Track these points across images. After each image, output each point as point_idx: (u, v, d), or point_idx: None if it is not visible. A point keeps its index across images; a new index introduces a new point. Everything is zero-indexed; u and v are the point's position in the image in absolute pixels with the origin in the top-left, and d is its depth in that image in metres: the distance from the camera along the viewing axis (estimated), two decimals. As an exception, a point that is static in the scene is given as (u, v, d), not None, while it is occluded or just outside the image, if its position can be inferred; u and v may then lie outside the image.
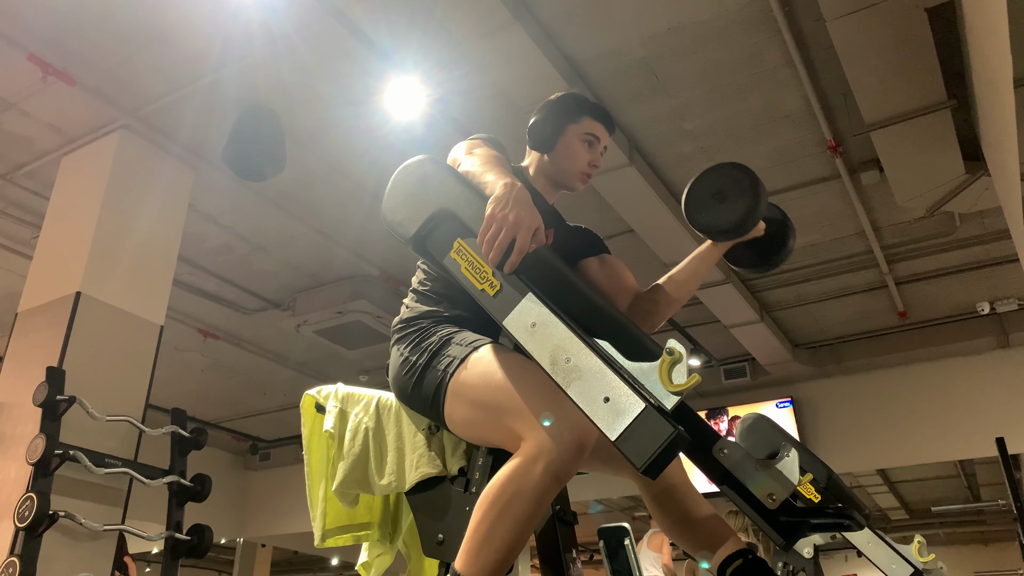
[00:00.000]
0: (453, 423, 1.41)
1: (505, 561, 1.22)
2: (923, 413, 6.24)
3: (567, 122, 1.73)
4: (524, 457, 1.22)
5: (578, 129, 1.73)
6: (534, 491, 1.20)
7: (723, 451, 1.50)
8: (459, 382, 1.37)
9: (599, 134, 1.75)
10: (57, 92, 3.77)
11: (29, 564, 2.91)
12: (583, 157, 1.73)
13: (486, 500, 1.24)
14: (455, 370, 1.38)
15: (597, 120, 1.75)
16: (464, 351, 1.40)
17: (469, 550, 1.23)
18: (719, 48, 3.55)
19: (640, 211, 4.48)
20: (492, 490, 1.24)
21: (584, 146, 1.73)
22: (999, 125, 2.97)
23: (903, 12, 3.06)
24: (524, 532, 1.22)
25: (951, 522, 10.92)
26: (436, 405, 1.41)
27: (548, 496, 1.22)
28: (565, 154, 1.73)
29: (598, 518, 9.63)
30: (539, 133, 1.73)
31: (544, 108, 1.76)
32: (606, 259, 1.75)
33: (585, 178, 1.76)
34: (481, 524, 1.23)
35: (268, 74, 3.67)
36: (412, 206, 1.38)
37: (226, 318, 6.04)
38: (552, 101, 1.77)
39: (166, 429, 3.56)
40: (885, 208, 4.69)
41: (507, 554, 1.21)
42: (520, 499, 1.20)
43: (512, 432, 1.26)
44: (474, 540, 1.23)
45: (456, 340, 1.44)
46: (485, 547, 1.21)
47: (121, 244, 3.85)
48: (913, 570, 2.73)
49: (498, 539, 1.21)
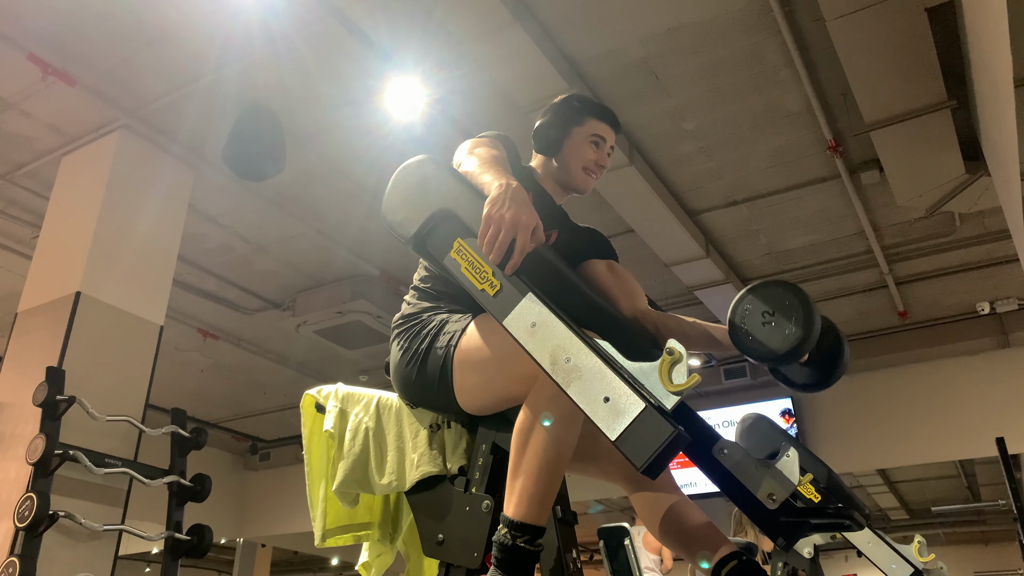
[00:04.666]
0: (465, 393, 1.41)
1: (547, 494, 1.26)
2: (923, 413, 6.24)
3: (572, 124, 1.72)
4: (541, 391, 1.26)
5: (583, 131, 1.72)
6: (561, 417, 1.24)
7: (723, 451, 1.50)
8: (463, 350, 1.40)
9: (605, 134, 1.74)
10: (57, 92, 3.77)
11: (29, 564, 2.91)
12: (589, 158, 1.72)
13: (518, 439, 1.28)
14: (457, 342, 1.41)
15: (602, 120, 1.74)
16: (462, 324, 1.44)
17: (511, 493, 1.26)
18: (719, 48, 3.55)
19: (640, 211, 4.48)
20: (521, 427, 1.28)
21: (591, 147, 1.72)
22: (999, 125, 2.97)
23: (903, 12, 3.06)
24: (559, 461, 1.26)
25: (951, 522, 10.91)
26: (444, 383, 1.42)
27: (575, 420, 1.25)
28: (571, 157, 1.72)
29: (598, 518, 9.62)
30: (544, 137, 1.73)
31: (548, 112, 1.75)
32: (614, 266, 1.74)
33: (592, 179, 1.75)
34: (517, 464, 1.27)
35: (268, 74, 3.67)
36: (412, 206, 1.38)
37: (226, 318, 6.04)
38: (556, 104, 1.76)
39: (166, 429, 3.56)
40: (885, 208, 4.69)
41: (547, 486, 1.25)
42: (549, 427, 1.24)
43: (525, 375, 1.29)
44: (513, 482, 1.27)
45: (453, 320, 1.47)
46: (527, 483, 1.25)
47: (121, 244, 3.85)
48: (913, 570, 2.73)
49: (535, 473, 1.25)
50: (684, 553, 1.60)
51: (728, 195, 4.64)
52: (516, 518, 1.24)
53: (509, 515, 1.25)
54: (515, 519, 1.24)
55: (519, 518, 1.24)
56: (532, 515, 1.24)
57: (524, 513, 1.24)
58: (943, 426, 6.15)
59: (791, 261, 5.34)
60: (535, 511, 1.24)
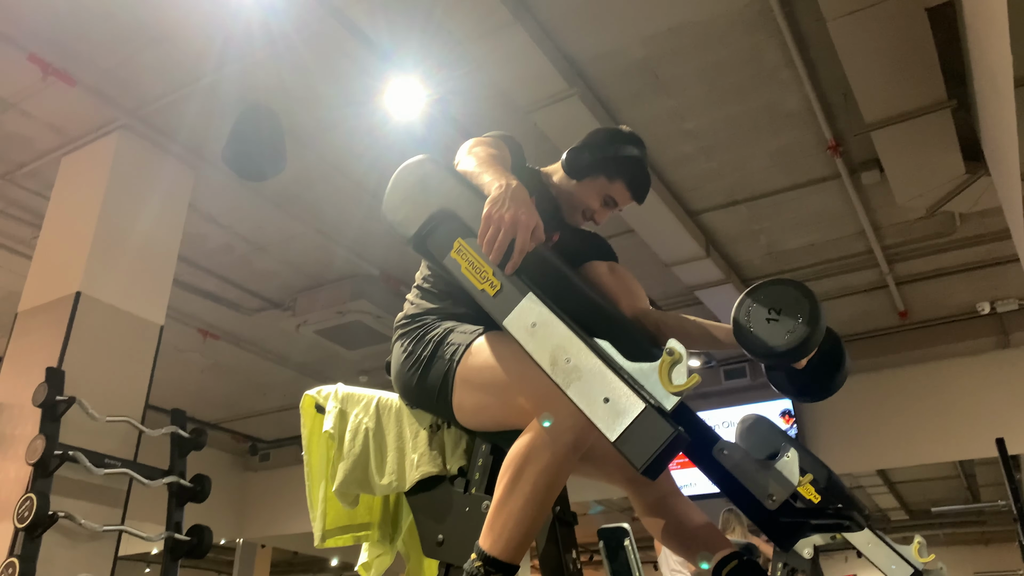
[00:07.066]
0: (463, 411, 1.41)
1: (527, 535, 1.23)
2: (923, 413, 6.24)
3: (602, 172, 1.68)
4: (538, 429, 1.23)
5: (607, 186, 1.69)
6: (552, 461, 1.21)
7: (723, 451, 1.50)
8: (466, 367, 1.38)
9: (623, 202, 1.71)
10: (57, 92, 3.77)
11: (29, 564, 2.91)
12: (593, 207, 1.71)
13: (506, 475, 1.25)
14: (460, 357, 1.39)
15: (629, 190, 1.70)
16: (468, 338, 1.41)
17: (492, 526, 1.24)
18: (719, 48, 3.55)
19: (640, 211, 4.48)
20: (511, 465, 1.25)
21: (601, 202, 1.70)
22: (999, 125, 2.97)
23: (903, 12, 3.06)
24: (544, 504, 1.23)
25: (951, 522, 10.91)
26: (444, 396, 1.41)
27: (566, 466, 1.23)
28: (581, 194, 1.71)
29: (598, 519, 9.62)
30: (575, 159, 1.69)
31: (597, 139, 1.71)
32: (615, 267, 1.73)
33: (584, 221, 1.74)
34: (502, 500, 1.24)
35: (268, 74, 3.66)
36: (412, 206, 1.38)
37: (226, 318, 6.04)
38: (608, 138, 1.71)
39: (166, 429, 3.56)
40: (885, 208, 4.69)
41: (529, 528, 1.23)
42: (539, 471, 1.21)
43: (523, 410, 1.27)
44: (496, 516, 1.24)
45: (459, 330, 1.45)
46: (508, 522, 1.22)
47: (121, 244, 3.85)
48: (913, 570, 2.73)
49: (519, 514, 1.22)
50: (685, 554, 1.60)
51: (728, 195, 4.64)
52: (492, 553, 1.21)
53: (485, 549, 1.22)
54: (490, 554, 1.21)
55: (495, 554, 1.21)
56: (508, 554, 1.22)
57: (501, 551, 1.21)
58: (943, 426, 6.14)
59: (791, 261, 5.34)
60: (512, 551, 1.22)
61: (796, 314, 1.38)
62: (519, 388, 1.28)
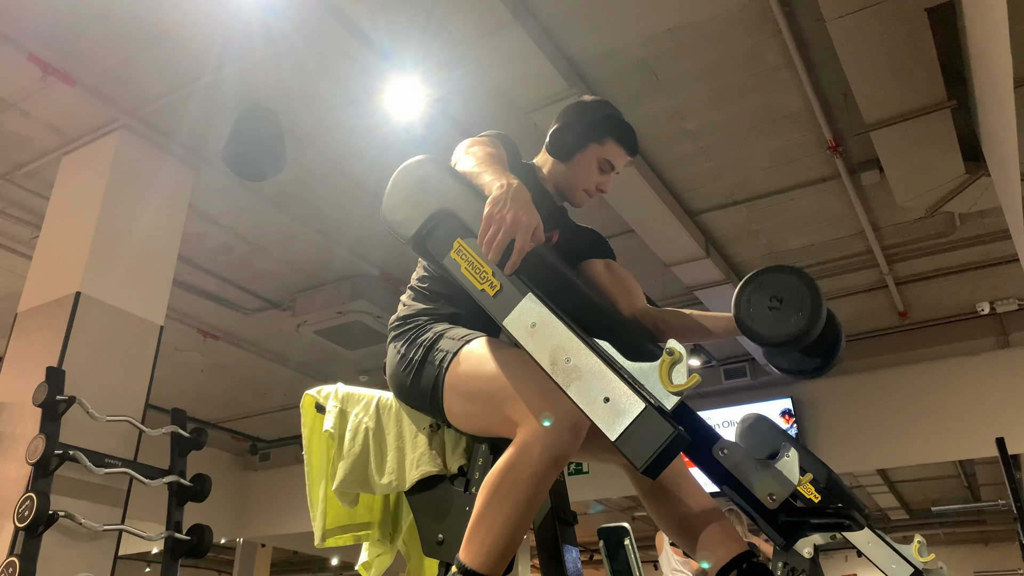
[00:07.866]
0: (453, 416, 1.41)
1: (508, 548, 1.22)
2: (923, 413, 6.24)
3: (590, 139, 1.67)
4: (522, 443, 1.23)
5: (600, 151, 1.67)
6: (534, 476, 1.21)
7: (723, 451, 1.50)
8: (454, 375, 1.38)
9: (618, 160, 1.69)
10: (57, 92, 3.77)
11: (29, 564, 2.91)
12: (593, 179, 1.69)
13: (487, 489, 1.25)
14: (449, 364, 1.39)
15: (620, 144, 1.68)
16: (456, 344, 1.41)
17: (472, 539, 1.23)
18: (719, 48, 3.55)
19: (640, 211, 4.48)
20: (492, 479, 1.25)
21: (599, 170, 1.69)
22: (999, 125, 2.97)
23: (903, 12, 3.06)
24: (525, 518, 1.23)
25: (951, 522, 10.91)
26: (435, 400, 1.42)
27: (547, 480, 1.23)
28: (578, 170, 1.69)
29: (598, 518, 9.62)
30: (560, 141, 1.68)
31: (571, 115, 1.70)
32: (612, 266, 1.72)
33: (589, 198, 1.73)
34: (483, 512, 1.24)
35: (268, 74, 3.67)
36: (412, 206, 1.38)
37: (226, 318, 6.04)
38: (581, 109, 1.70)
39: (166, 429, 3.56)
40: (885, 208, 4.69)
41: (509, 541, 1.22)
42: (520, 485, 1.21)
43: (508, 420, 1.27)
44: (476, 528, 1.24)
45: (449, 335, 1.45)
46: (488, 535, 1.22)
47: (121, 244, 3.85)
48: (913, 570, 2.73)
49: (500, 526, 1.22)
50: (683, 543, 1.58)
51: (728, 195, 4.64)
52: (472, 567, 1.21)
53: (466, 562, 1.22)
54: (470, 567, 1.21)
55: (475, 567, 1.21)
56: (489, 567, 1.21)
57: (481, 564, 1.21)
58: (943, 426, 6.14)
59: (791, 261, 5.34)
60: (492, 564, 1.21)
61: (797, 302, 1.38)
62: (503, 398, 1.28)
